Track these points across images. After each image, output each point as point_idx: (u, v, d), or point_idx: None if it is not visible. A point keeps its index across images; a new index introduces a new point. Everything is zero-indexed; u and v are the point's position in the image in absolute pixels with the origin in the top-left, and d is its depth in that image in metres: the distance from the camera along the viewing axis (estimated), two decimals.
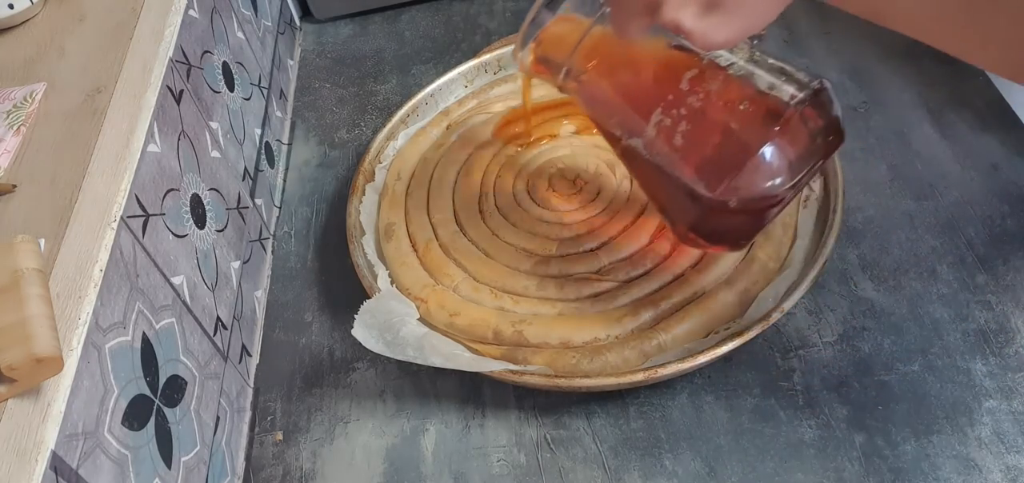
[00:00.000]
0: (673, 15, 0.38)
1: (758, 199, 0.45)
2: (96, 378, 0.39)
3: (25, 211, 0.44)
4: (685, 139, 0.45)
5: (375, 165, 0.70)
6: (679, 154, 0.46)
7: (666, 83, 0.47)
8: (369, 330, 0.53)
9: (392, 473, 0.54)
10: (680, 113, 0.45)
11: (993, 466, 0.47)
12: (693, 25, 0.38)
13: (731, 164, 0.44)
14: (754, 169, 0.44)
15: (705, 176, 0.45)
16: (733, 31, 0.38)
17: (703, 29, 0.38)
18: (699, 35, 0.38)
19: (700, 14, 0.38)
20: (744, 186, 0.44)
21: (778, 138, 0.43)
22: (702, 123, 0.45)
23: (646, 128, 0.47)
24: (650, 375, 0.49)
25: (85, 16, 0.58)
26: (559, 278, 0.57)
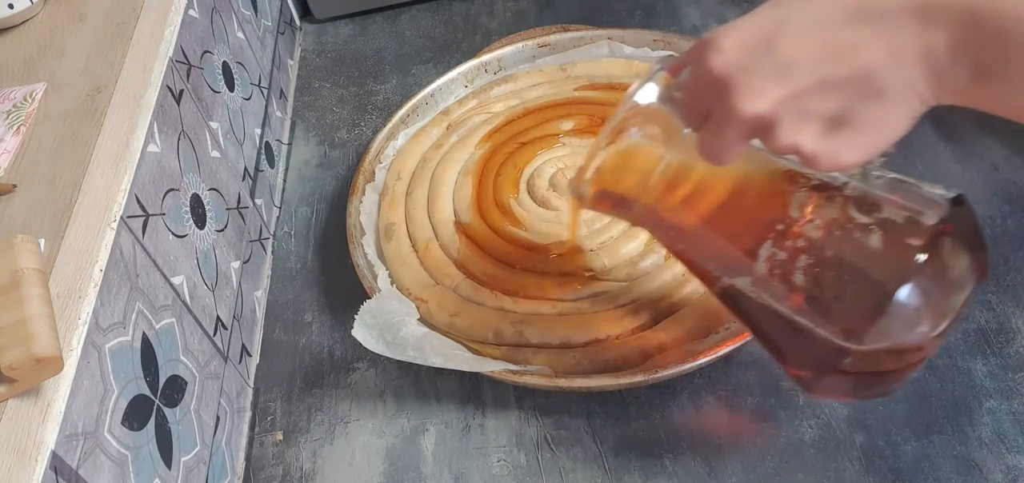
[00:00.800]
0: (791, 139, 0.32)
1: (901, 349, 0.37)
2: (96, 378, 0.39)
3: (25, 211, 0.44)
4: (808, 277, 0.38)
5: (375, 165, 0.70)
6: (803, 295, 0.38)
7: (772, 210, 0.39)
8: (369, 330, 0.53)
9: (392, 473, 0.54)
10: (796, 246, 0.38)
11: (994, 466, 0.47)
12: (817, 148, 0.32)
13: (869, 307, 0.36)
14: (896, 313, 0.35)
15: (839, 322, 0.37)
16: (865, 151, 0.32)
17: (829, 151, 0.32)
18: (825, 158, 0.33)
19: (823, 135, 0.32)
20: (885, 333, 0.36)
21: (923, 271, 0.35)
22: (825, 257, 0.37)
23: (754, 266, 0.39)
24: (650, 375, 0.49)
25: (85, 16, 0.58)
26: (559, 277, 0.57)
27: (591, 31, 0.76)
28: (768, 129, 0.33)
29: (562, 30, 0.80)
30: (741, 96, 0.32)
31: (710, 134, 0.35)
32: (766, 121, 0.32)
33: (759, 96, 0.32)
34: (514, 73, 0.76)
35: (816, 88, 0.31)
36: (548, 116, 0.71)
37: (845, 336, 0.37)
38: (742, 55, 0.32)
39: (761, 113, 0.32)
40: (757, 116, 0.32)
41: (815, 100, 0.32)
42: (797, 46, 0.31)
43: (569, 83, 0.74)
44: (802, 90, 0.31)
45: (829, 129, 0.32)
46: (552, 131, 0.69)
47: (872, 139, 0.32)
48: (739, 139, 0.34)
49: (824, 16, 0.31)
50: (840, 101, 0.32)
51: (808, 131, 0.32)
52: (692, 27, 0.84)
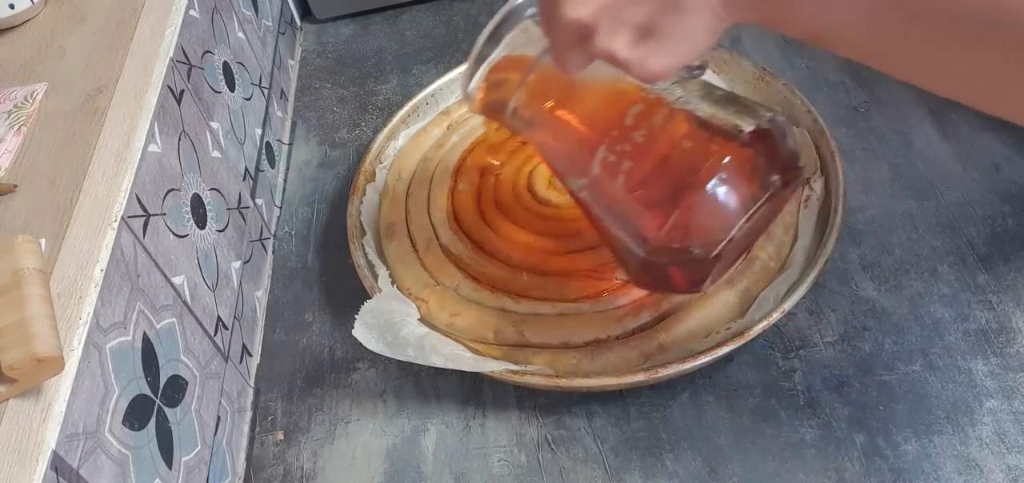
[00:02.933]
0: (605, 45, 0.36)
1: (703, 241, 0.42)
2: (97, 378, 0.39)
3: (26, 211, 0.44)
4: (627, 178, 0.43)
5: (376, 165, 0.70)
6: (620, 194, 0.43)
7: (611, 120, 0.44)
8: (370, 330, 0.53)
9: (393, 473, 0.54)
10: (624, 149, 0.43)
11: (994, 466, 0.47)
12: (627, 55, 0.36)
13: (670, 204, 0.41)
14: (695, 209, 0.41)
15: (645, 218, 0.42)
16: (669, 59, 0.36)
17: (639, 58, 0.36)
18: (635, 65, 0.36)
19: (633, 43, 0.36)
20: (686, 228, 0.41)
21: (722, 174, 0.40)
22: (644, 160, 0.42)
23: (591, 167, 0.44)
24: (651, 375, 0.49)
25: (86, 16, 0.58)
26: (560, 277, 0.57)
27: None
28: (587, 35, 0.36)
29: None
30: (566, 4, 0.36)
31: (552, 41, 0.39)
32: (585, 26, 0.36)
33: (578, 3, 0.35)
34: None
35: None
36: None
37: (650, 229, 0.42)
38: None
39: (580, 18, 0.36)
40: (577, 21, 0.36)
41: (628, 9, 0.35)
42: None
43: None
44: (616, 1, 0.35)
45: (640, 38, 0.35)
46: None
47: (676, 48, 0.35)
48: (571, 46, 0.37)
49: None
50: (648, 11, 0.35)
51: (621, 39, 0.36)
52: None
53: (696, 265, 0.44)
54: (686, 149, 0.42)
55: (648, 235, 0.42)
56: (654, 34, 0.35)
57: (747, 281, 0.54)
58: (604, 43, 0.36)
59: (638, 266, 0.45)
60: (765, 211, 0.43)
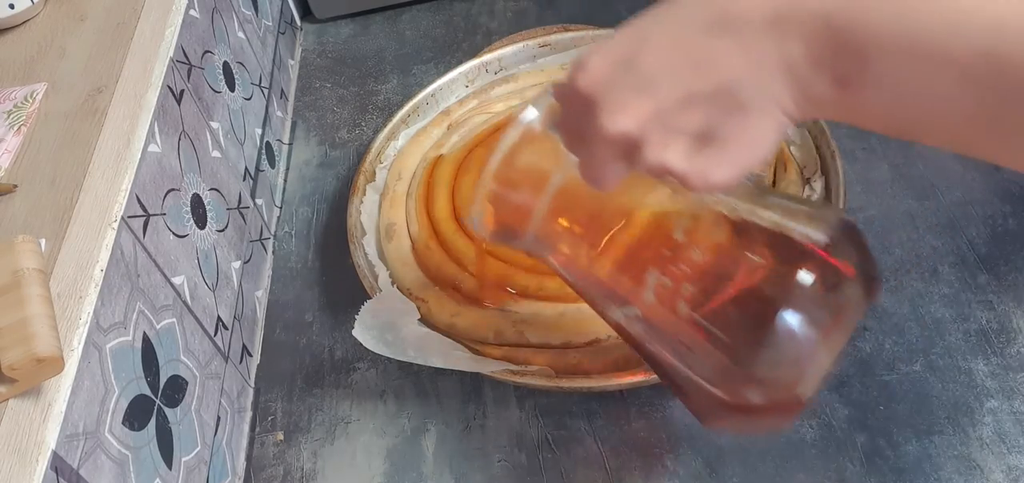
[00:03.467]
0: (658, 158, 0.31)
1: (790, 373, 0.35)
2: (97, 378, 0.39)
3: (26, 211, 0.44)
4: (691, 305, 0.36)
5: (376, 165, 0.70)
6: (685, 326, 0.37)
7: (659, 236, 0.38)
8: (370, 330, 0.53)
9: (393, 473, 0.54)
10: (680, 271, 0.36)
11: (995, 466, 0.47)
12: (685, 166, 0.31)
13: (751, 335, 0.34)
14: (781, 339, 0.34)
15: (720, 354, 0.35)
16: (734, 169, 0.31)
17: (698, 170, 0.31)
18: (695, 177, 0.31)
19: (690, 152, 0.31)
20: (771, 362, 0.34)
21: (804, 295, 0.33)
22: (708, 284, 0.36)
23: (642, 294, 0.38)
24: (651, 375, 0.49)
25: (86, 16, 0.58)
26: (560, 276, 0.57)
27: (592, 31, 0.76)
28: (635, 148, 0.32)
29: (563, 30, 0.80)
30: (605, 114, 0.31)
31: (585, 157, 0.34)
32: (632, 139, 0.31)
33: (622, 113, 0.31)
34: (515, 73, 0.76)
35: (680, 103, 0.30)
36: None
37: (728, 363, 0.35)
38: (607, 72, 0.32)
39: (626, 131, 0.31)
40: (622, 134, 0.31)
41: (680, 116, 0.31)
42: (659, 60, 0.31)
43: None
44: (666, 106, 0.30)
45: (697, 146, 0.31)
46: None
47: (741, 155, 0.31)
48: (611, 160, 0.33)
49: (684, 29, 0.30)
50: (705, 116, 0.30)
51: (676, 148, 0.31)
52: None
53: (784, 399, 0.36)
54: (757, 266, 0.36)
55: (726, 373, 0.36)
56: (714, 140, 0.31)
57: None
58: (656, 156, 0.31)
59: (712, 405, 0.37)
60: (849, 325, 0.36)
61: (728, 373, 0.35)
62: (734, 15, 0.29)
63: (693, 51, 0.30)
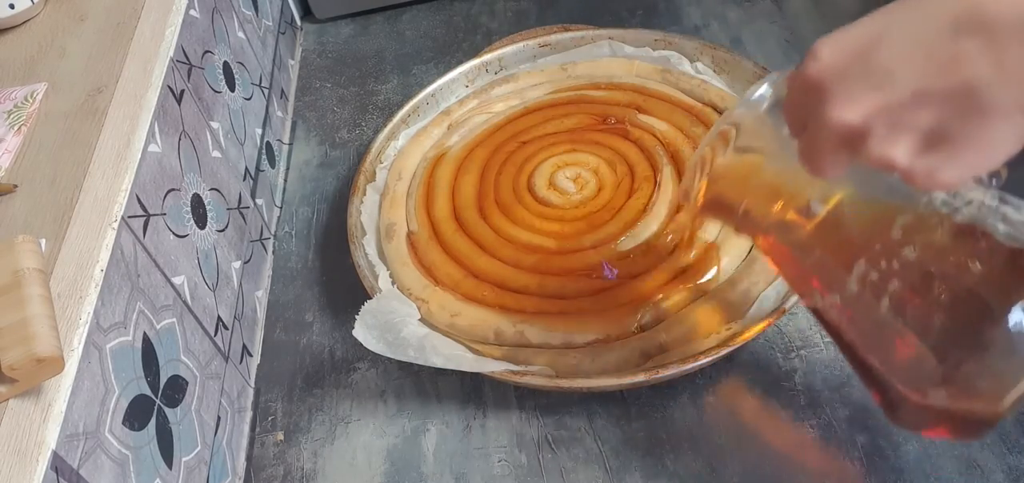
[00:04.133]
0: (882, 152, 0.31)
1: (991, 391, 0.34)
2: (97, 378, 0.39)
3: (26, 211, 0.44)
4: (894, 303, 0.36)
5: (376, 165, 0.70)
6: (886, 322, 0.36)
7: (874, 230, 0.37)
8: (370, 330, 0.53)
9: (393, 473, 0.54)
10: (890, 268, 0.36)
11: (995, 466, 0.47)
12: (911, 163, 0.31)
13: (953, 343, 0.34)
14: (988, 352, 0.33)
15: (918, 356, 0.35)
16: (965, 169, 0.30)
17: (925, 168, 0.30)
18: (921, 175, 0.31)
19: (918, 150, 0.30)
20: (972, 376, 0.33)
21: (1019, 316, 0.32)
22: (917, 284, 0.35)
23: (847, 283, 0.37)
24: (651, 375, 0.49)
25: (86, 16, 0.58)
26: (561, 276, 0.57)
27: (592, 31, 0.76)
28: (860, 139, 0.31)
29: (563, 30, 0.80)
30: (833, 104, 0.31)
31: (807, 143, 0.34)
32: (857, 130, 0.31)
33: (850, 104, 0.31)
34: (515, 73, 0.76)
35: (913, 100, 0.30)
36: (549, 115, 0.71)
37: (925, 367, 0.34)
38: (840, 62, 0.31)
39: (851, 122, 0.31)
40: (847, 125, 0.31)
41: (911, 112, 0.30)
42: (896, 55, 0.30)
43: (570, 83, 0.74)
44: (898, 101, 0.30)
45: (927, 145, 0.30)
46: (553, 130, 0.69)
47: (974, 158, 0.30)
48: (833, 149, 0.33)
49: (928, 26, 0.29)
50: (939, 115, 0.30)
51: (903, 145, 0.30)
52: (693, 27, 0.84)
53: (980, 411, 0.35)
54: (974, 273, 0.34)
55: (924, 373, 0.35)
56: (947, 140, 0.30)
57: (748, 281, 0.54)
58: (880, 150, 0.31)
59: (904, 406, 0.37)
60: None
61: (926, 373, 0.35)
62: (986, 15, 0.28)
63: (936, 49, 0.29)
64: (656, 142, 0.65)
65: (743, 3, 0.85)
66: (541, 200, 0.63)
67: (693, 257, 0.56)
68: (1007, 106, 0.28)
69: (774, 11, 0.83)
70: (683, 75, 0.71)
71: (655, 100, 0.69)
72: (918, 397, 0.35)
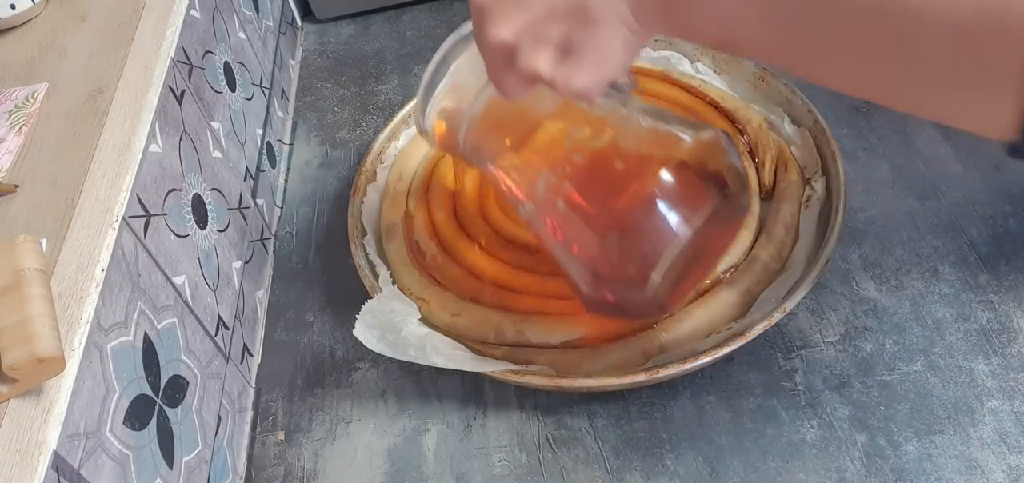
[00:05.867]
0: (529, 63, 0.36)
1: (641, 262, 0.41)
2: (98, 378, 0.39)
3: (27, 211, 0.44)
4: (565, 200, 0.42)
5: (377, 165, 0.70)
6: (560, 217, 0.43)
7: (554, 143, 0.44)
8: (371, 330, 0.53)
9: (393, 473, 0.54)
10: (564, 171, 0.42)
11: (995, 467, 0.47)
12: (551, 72, 0.36)
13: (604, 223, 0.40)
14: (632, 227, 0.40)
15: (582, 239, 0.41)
16: (591, 74, 0.36)
17: (563, 76, 0.36)
18: (560, 82, 0.36)
19: (556, 61, 0.36)
20: (624, 248, 0.40)
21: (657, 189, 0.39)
22: (582, 180, 0.42)
23: (535, 191, 0.44)
24: (652, 375, 0.49)
25: (87, 16, 0.58)
26: (561, 276, 0.57)
27: None
28: (512, 55, 0.36)
29: None
30: (488, 25, 0.36)
31: (488, 69, 0.39)
32: (508, 46, 0.36)
33: (501, 23, 0.36)
34: None
35: (545, 17, 0.35)
36: None
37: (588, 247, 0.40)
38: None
39: (504, 39, 0.36)
40: (501, 42, 0.36)
41: (546, 27, 0.35)
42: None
43: None
44: (535, 19, 0.35)
45: (562, 56, 0.36)
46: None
47: (598, 64, 0.36)
48: (500, 67, 0.38)
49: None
50: (565, 29, 0.35)
51: (544, 56, 0.36)
52: None
53: (637, 289, 0.42)
54: (619, 168, 0.41)
55: (585, 257, 0.41)
56: (574, 51, 0.35)
57: (748, 281, 0.54)
58: (527, 62, 0.36)
59: (585, 293, 0.44)
60: (710, 233, 0.41)
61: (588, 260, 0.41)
62: None
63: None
64: None
65: None
66: None
67: None
68: (608, 16, 0.34)
69: None
70: (683, 75, 0.71)
71: (655, 100, 0.69)
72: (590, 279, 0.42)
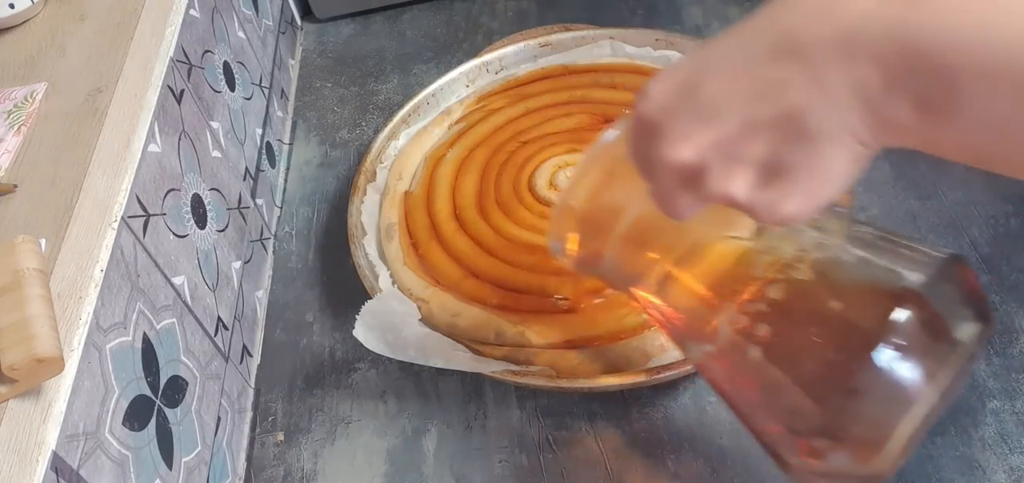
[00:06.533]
0: (722, 188, 0.30)
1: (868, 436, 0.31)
2: (97, 378, 0.39)
3: (26, 211, 0.44)
4: (765, 350, 0.34)
5: (376, 165, 0.70)
6: (759, 370, 0.34)
7: (738, 272, 0.36)
8: (370, 331, 0.53)
9: (393, 474, 0.54)
10: (758, 310, 0.34)
11: (997, 467, 0.47)
12: (750, 197, 0.30)
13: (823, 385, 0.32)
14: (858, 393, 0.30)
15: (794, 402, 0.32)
16: (804, 201, 0.29)
17: (766, 201, 0.30)
18: (762, 209, 0.30)
19: (757, 184, 0.30)
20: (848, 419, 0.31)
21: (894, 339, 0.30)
22: (785, 326, 0.34)
23: (717, 332, 0.35)
24: (652, 376, 0.49)
25: (86, 16, 0.58)
26: (561, 276, 0.57)
27: (593, 30, 0.76)
28: (697, 177, 0.30)
29: (564, 29, 0.80)
30: (666, 142, 0.31)
31: (654, 186, 0.33)
32: (694, 168, 0.30)
33: (683, 141, 0.30)
34: (515, 73, 0.76)
35: (743, 131, 0.29)
36: (549, 115, 0.71)
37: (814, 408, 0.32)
38: (668, 99, 0.31)
39: (687, 160, 0.30)
40: (682, 163, 0.30)
41: (744, 144, 0.29)
42: (721, 86, 0.29)
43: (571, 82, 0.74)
44: (729, 134, 0.29)
45: (765, 177, 0.29)
46: (553, 130, 0.69)
47: (813, 187, 0.29)
48: (678, 189, 0.32)
49: (748, 54, 0.29)
50: (771, 145, 0.29)
51: (741, 179, 0.30)
52: (694, 27, 0.84)
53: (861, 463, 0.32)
54: (835, 308, 0.33)
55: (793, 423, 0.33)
56: (784, 171, 0.29)
57: None
58: (719, 186, 0.30)
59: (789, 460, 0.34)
60: (951, 383, 0.32)
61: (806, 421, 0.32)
62: (799, 39, 0.27)
63: (756, 77, 0.28)
64: None
65: (744, 3, 0.85)
66: (542, 200, 0.63)
67: None
68: (833, 130, 0.28)
69: None
70: None
71: None
72: (803, 448, 0.33)
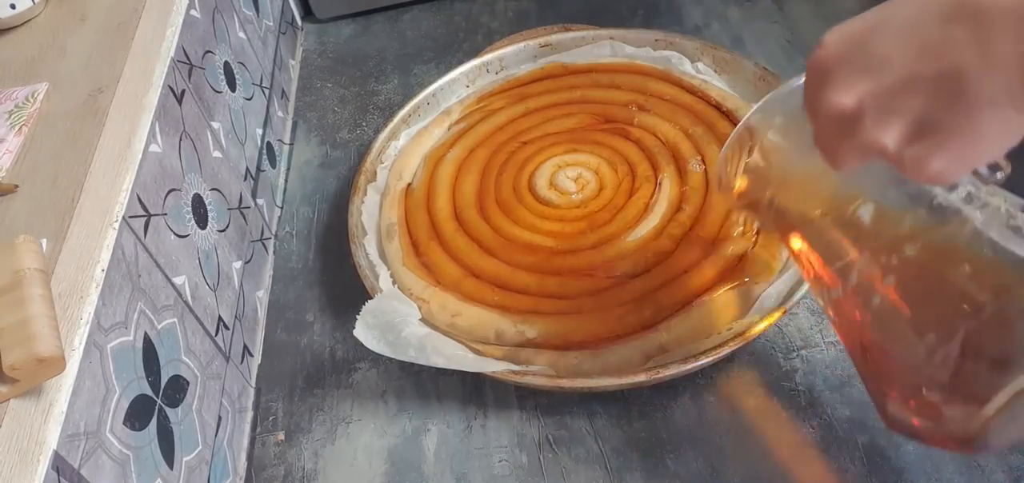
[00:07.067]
0: (872, 137, 0.31)
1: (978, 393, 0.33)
2: (98, 378, 0.39)
3: (27, 211, 0.44)
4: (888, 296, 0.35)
5: (377, 165, 0.70)
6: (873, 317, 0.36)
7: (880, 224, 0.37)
8: (371, 330, 0.53)
9: (394, 473, 0.54)
10: (889, 262, 0.35)
11: (996, 467, 0.47)
12: (899, 151, 0.31)
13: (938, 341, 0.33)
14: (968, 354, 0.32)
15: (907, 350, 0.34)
16: (953, 162, 0.30)
17: (913, 156, 0.30)
18: (909, 163, 0.31)
19: (908, 138, 0.30)
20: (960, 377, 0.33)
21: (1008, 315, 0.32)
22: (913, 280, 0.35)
23: (849, 276, 0.38)
24: (652, 375, 0.49)
25: (87, 16, 0.58)
26: (561, 276, 0.57)
27: (593, 31, 0.76)
28: (852, 123, 0.31)
29: (564, 29, 0.80)
30: (830, 88, 0.32)
31: (817, 129, 0.34)
32: (851, 113, 0.31)
33: (845, 88, 0.31)
34: (516, 73, 0.76)
35: (902, 85, 0.30)
36: (550, 115, 0.71)
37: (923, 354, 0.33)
38: (842, 49, 0.32)
39: (845, 105, 0.31)
40: (841, 108, 0.31)
41: (902, 98, 0.30)
42: (891, 41, 0.30)
43: (571, 82, 0.74)
44: (889, 86, 0.30)
45: (918, 133, 0.30)
46: (554, 130, 0.69)
47: (963, 148, 0.29)
48: (834, 134, 0.33)
49: (922, 14, 0.30)
50: (927, 102, 0.29)
51: (893, 130, 0.30)
52: (694, 27, 0.84)
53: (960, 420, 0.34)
54: (965, 271, 0.34)
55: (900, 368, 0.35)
56: (934, 129, 0.29)
57: (749, 281, 0.54)
58: (871, 135, 0.31)
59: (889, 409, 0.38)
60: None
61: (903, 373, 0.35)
62: (977, 3, 0.28)
63: (927, 35, 0.29)
64: (657, 142, 0.65)
65: (744, 3, 0.85)
66: (542, 200, 0.63)
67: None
68: (994, 95, 0.28)
69: (775, 11, 0.83)
70: (684, 75, 0.71)
71: (656, 100, 0.69)
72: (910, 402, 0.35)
